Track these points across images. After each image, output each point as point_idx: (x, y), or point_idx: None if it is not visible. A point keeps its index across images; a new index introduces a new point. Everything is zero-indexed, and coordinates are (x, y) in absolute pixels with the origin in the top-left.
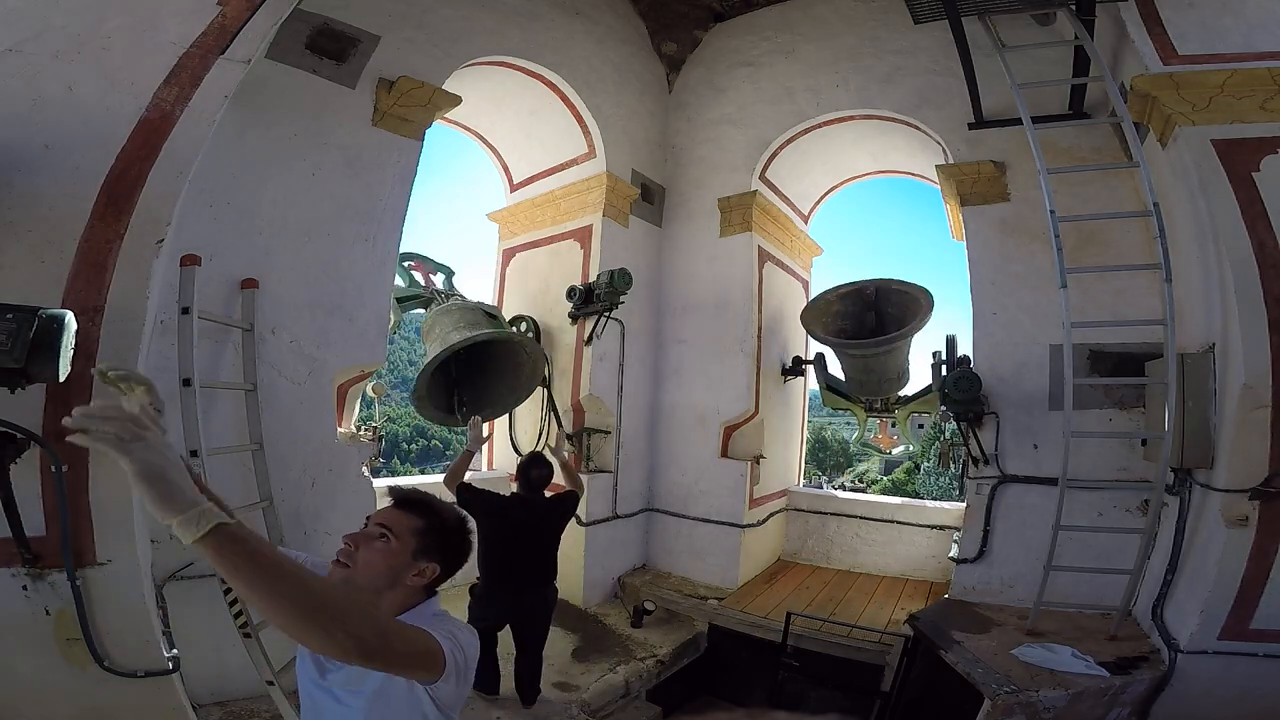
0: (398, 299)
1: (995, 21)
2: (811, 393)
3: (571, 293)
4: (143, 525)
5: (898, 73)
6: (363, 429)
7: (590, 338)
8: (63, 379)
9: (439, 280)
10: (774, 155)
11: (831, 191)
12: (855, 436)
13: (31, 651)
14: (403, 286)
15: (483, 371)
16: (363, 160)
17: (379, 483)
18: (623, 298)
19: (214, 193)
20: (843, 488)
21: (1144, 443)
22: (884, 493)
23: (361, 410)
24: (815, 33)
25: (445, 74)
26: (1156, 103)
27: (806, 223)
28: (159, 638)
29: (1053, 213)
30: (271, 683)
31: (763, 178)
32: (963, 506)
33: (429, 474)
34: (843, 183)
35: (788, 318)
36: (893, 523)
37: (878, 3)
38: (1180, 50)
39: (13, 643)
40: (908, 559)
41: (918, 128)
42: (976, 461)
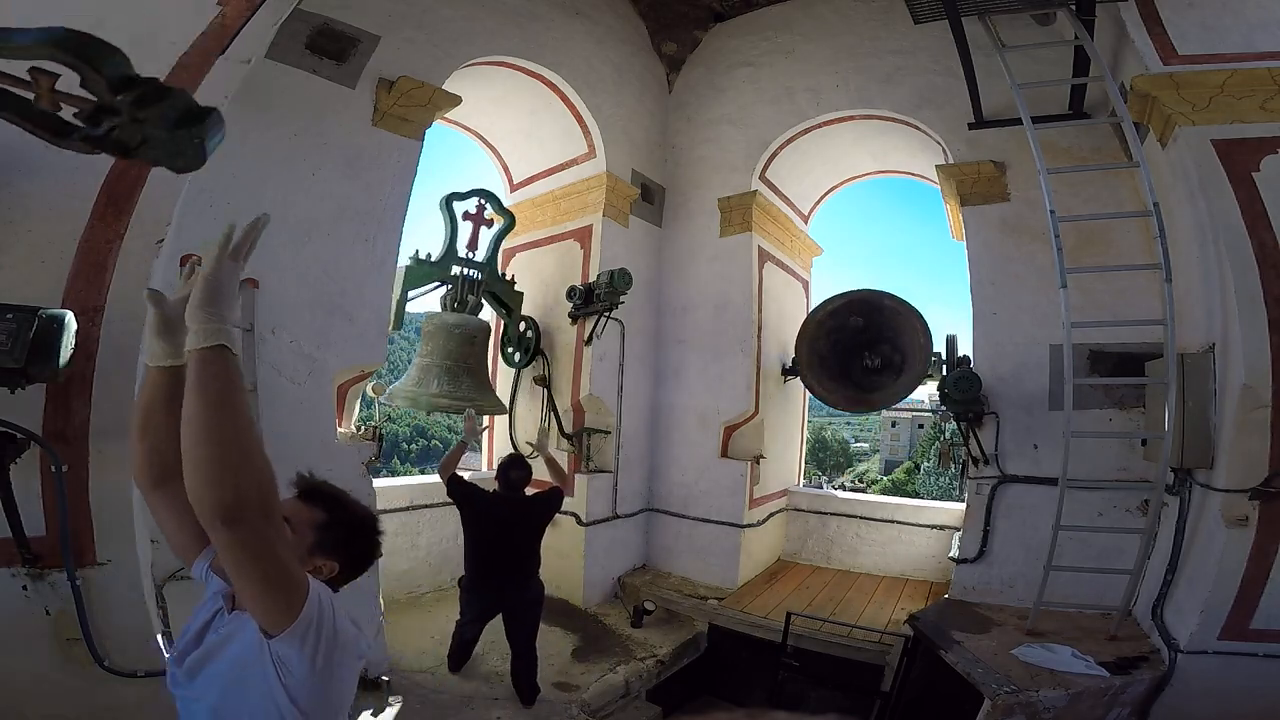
0: (415, 276)
1: (995, 21)
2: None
3: (571, 293)
4: (143, 525)
5: (898, 73)
6: (363, 429)
7: (590, 338)
8: (62, 379)
9: (485, 238)
10: (774, 155)
11: (831, 191)
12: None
13: (31, 652)
14: (419, 261)
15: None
16: (363, 160)
17: (379, 483)
18: (623, 298)
19: (214, 193)
20: (843, 488)
21: (1144, 443)
22: (884, 493)
23: (361, 410)
24: (815, 33)
25: (445, 74)
26: (1156, 103)
27: (806, 223)
28: (159, 638)
29: (1053, 213)
30: None
31: (763, 178)
32: (963, 506)
33: (429, 474)
34: (843, 183)
35: (788, 318)
36: (893, 523)
37: (878, 3)
38: (1180, 50)
39: (13, 643)
40: (908, 559)
41: (918, 128)
42: (976, 461)
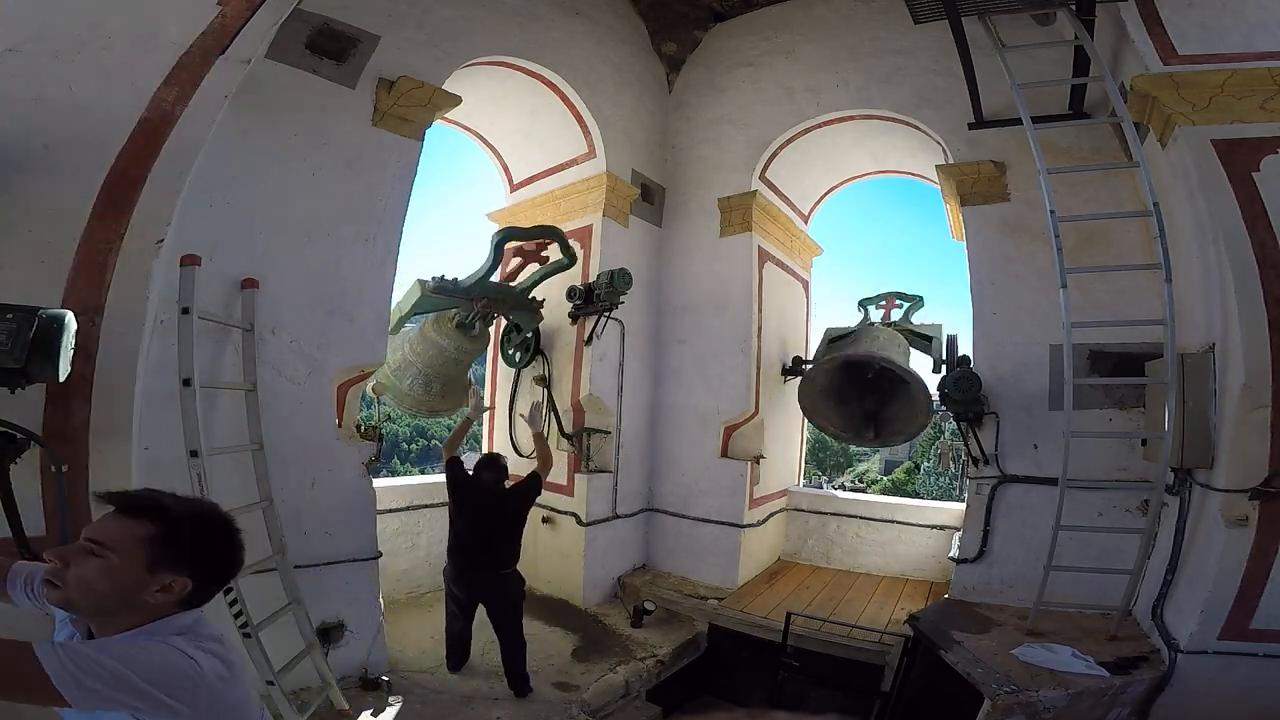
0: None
1: (995, 21)
2: None
3: (571, 293)
4: None
5: (898, 73)
6: (362, 429)
7: (590, 338)
8: (63, 379)
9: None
10: (774, 155)
11: (831, 191)
12: None
13: None
14: (439, 286)
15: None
16: (363, 160)
17: (379, 483)
18: (623, 298)
19: (214, 193)
20: (843, 488)
21: (1144, 443)
22: (884, 493)
23: (361, 410)
24: (815, 33)
25: (445, 74)
26: (1156, 103)
27: (806, 223)
28: None
29: (1053, 213)
30: (271, 683)
31: (763, 178)
32: (963, 506)
33: (429, 474)
34: (843, 183)
35: (788, 318)
36: (893, 523)
37: (878, 3)
38: (1180, 50)
39: None
40: (908, 559)
41: (918, 128)
42: (976, 461)
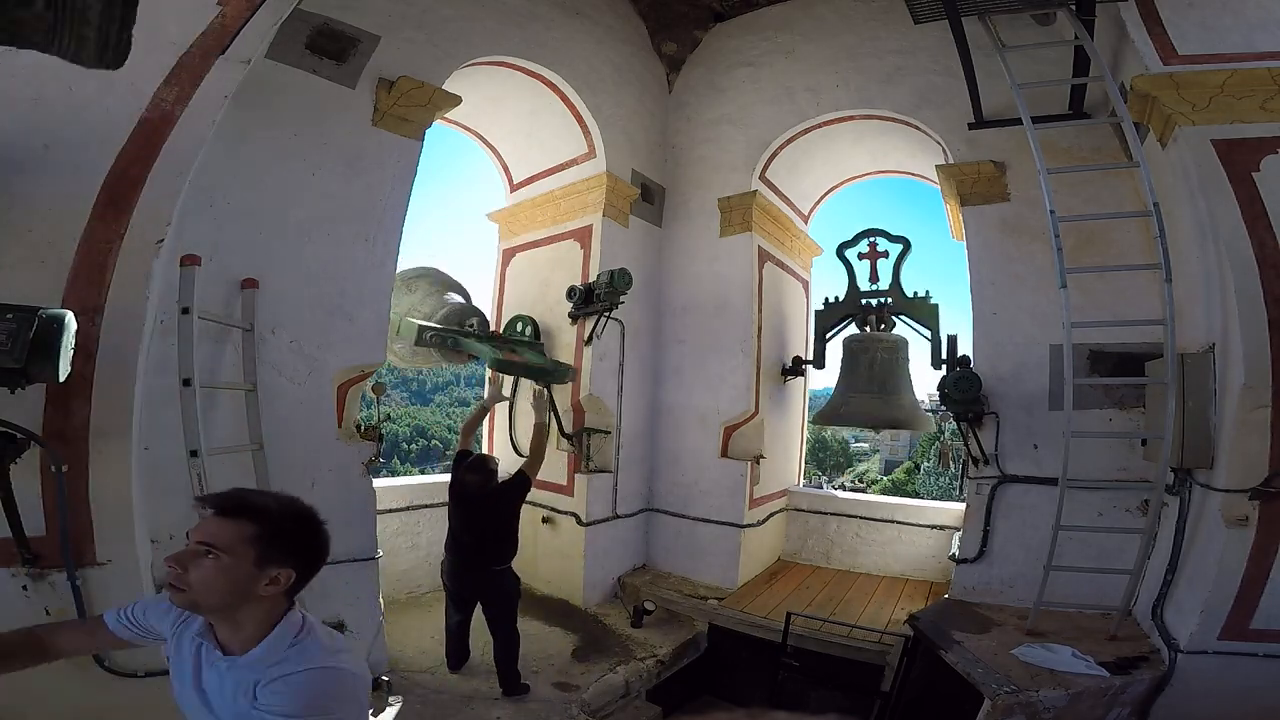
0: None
1: (995, 21)
2: (812, 392)
3: (571, 293)
4: (143, 525)
5: (898, 73)
6: (362, 429)
7: (590, 338)
8: (62, 379)
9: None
10: (774, 155)
11: (832, 191)
12: None
13: None
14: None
15: None
16: (363, 160)
17: (379, 483)
18: (623, 298)
19: (214, 193)
20: (843, 488)
21: (1144, 443)
22: (884, 493)
23: (361, 410)
24: (815, 33)
25: (445, 74)
26: (1156, 103)
27: (806, 223)
28: None
29: (1053, 213)
30: None
31: (763, 178)
32: (963, 506)
33: (429, 474)
34: (843, 183)
35: (788, 318)
36: (893, 523)
37: (878, 3)
38: (1180, 50)
39: None
40: (908, 559)
41: (918, 128)
42: (976, 461)
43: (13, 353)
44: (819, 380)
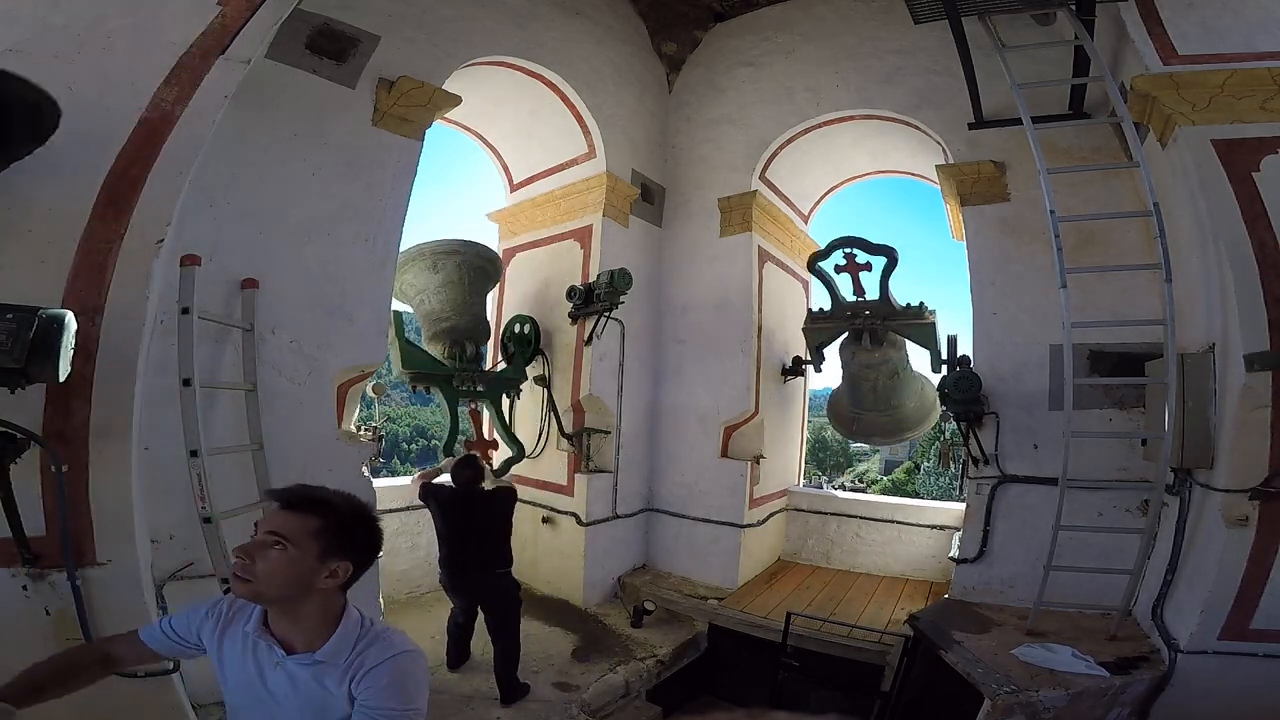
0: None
1: (995, 21)
2: (812, 392)
3: (571, 293)
4: (143, 525)
5: (898, 73)
6: (363, 429)
7: (590, 338)
8: (62, 379)
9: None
10: (774, 155)
11: (831, 191)
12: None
13: (31, 652)
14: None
15: None
16: (363, 160)
17: (379, 483)
18: (623, 298)
19: (214, 193)
20: (843, 488)
21: (1144, 443)
22: (884, 493)
23: (361, 410)
24: (815, 33)
25: (445, 74)
26: (1156, 103)
27: (806, 223)
28: None
29: (1053, 213)
30: None
31: (763, 178)
32: (963, 506)
33: None
34: (843, 183)
35: (788, 318)
36: (893, 523)
37: (878, 3)
38: (1180, 50)
39: (13, 643)
40: (908, 559)
41: (918, 128)
42: (976, 461)
43: (13, 353)
44: (819, 380)
